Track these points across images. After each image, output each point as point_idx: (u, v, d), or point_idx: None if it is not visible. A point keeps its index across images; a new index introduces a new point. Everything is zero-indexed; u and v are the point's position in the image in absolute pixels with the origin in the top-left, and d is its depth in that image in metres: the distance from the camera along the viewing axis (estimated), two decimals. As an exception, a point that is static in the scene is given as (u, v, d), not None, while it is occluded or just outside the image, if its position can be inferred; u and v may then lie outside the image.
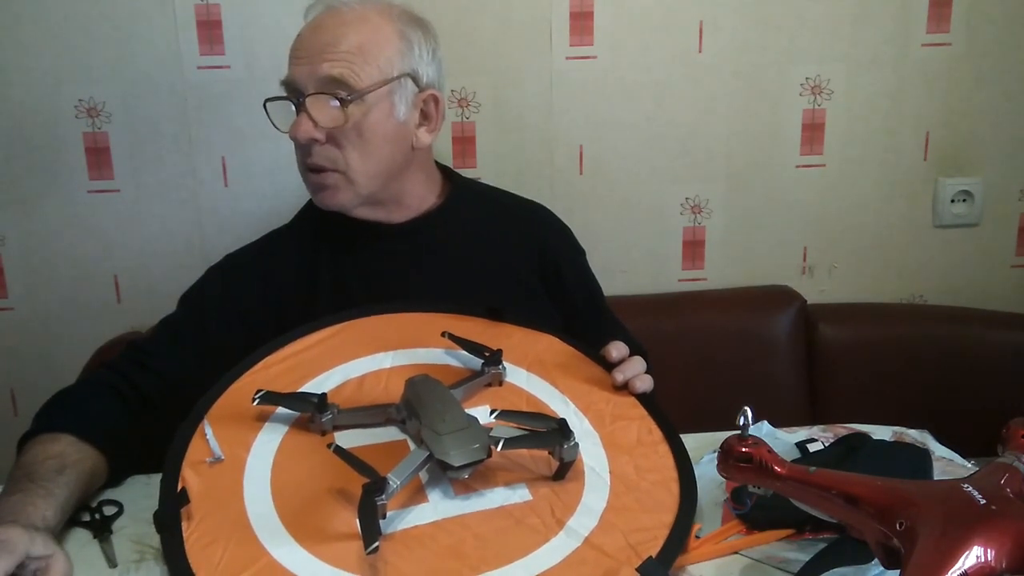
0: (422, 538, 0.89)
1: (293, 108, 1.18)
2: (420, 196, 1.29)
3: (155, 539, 0.92)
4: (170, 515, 0.91)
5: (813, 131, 1.79)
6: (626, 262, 1.83)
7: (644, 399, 1.10)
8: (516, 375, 1.11)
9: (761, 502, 0.90)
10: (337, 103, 1.15)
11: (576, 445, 0.96)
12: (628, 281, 1.81)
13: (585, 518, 0.93)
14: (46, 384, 1.21)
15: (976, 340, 1.74)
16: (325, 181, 1.19)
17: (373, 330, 1.15)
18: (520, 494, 0.95)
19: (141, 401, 1.15)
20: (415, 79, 1.22)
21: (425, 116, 1.24)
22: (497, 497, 0.95)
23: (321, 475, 0.96)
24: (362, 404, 1.05)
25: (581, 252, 1.41)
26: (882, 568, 0.82)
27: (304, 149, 1.19)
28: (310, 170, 1.20)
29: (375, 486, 0.87)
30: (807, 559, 0.87)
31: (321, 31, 1.17)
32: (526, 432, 0.97)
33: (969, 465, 1.10)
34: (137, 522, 0.99)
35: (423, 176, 1.29)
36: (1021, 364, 1.67)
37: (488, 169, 1.75)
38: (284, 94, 1.19)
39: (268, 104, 1.21)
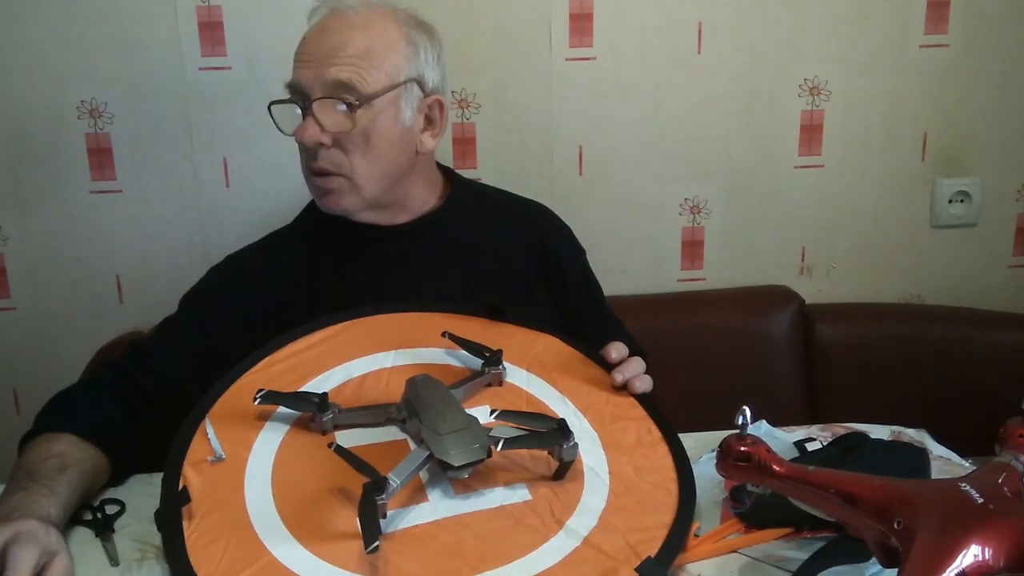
0: (422, 537, 0.90)
1: (298, 111, 1.17)
2: (422, 199, 1.29)
3: (157, 538, 0.93)
4: (171, 514, 0.91)
5: (811, 132, 1.79)
6: (625, 262, 1.83)
7: (643, 399, 1.10)
8: (516, 375, 1.12)
9: (760, 501, 0.91)
10: (344, 108, 1.15)
11: (575, 445, 0.96)
12: (627, 281, 1.82)
13: (584, 518, 0.93)
14: (48, 384, 1.21)
15: (974, 340, 1.75)
16: (329, 185, 1.19)
17: (374, 330, 1.16)
18: (520, 494, 0.96)
19: (143, 401, 1.15)
20: (420, 84, 1.22)
21: (429, 121, 1.24)
22: (497, 497, 0.95)
23: (322, 474, 0.96)
24: (363, 404, 1.05)
25: (582, 252, 1.42)
26: (880, 567, 0.83)
27: (309, 153, 1.18)
28: (315, 174, 1.20)
29: (375, 485, 0.87)
30: (805, 558, 0.88)
31: (327, 34, 1.17)
32: (526, 432, 0.98)
33: (967, 464, 1.10)
34: (139, 521, 0.99)
35: (425, 179, 1.29)
36: (1019, 363, 1.68)
37: (488, 170, 1.76)
38: (288, 96, 1.19)
39: (272, 107, 1.21)
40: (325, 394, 1.02)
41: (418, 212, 1.29)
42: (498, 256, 1.32)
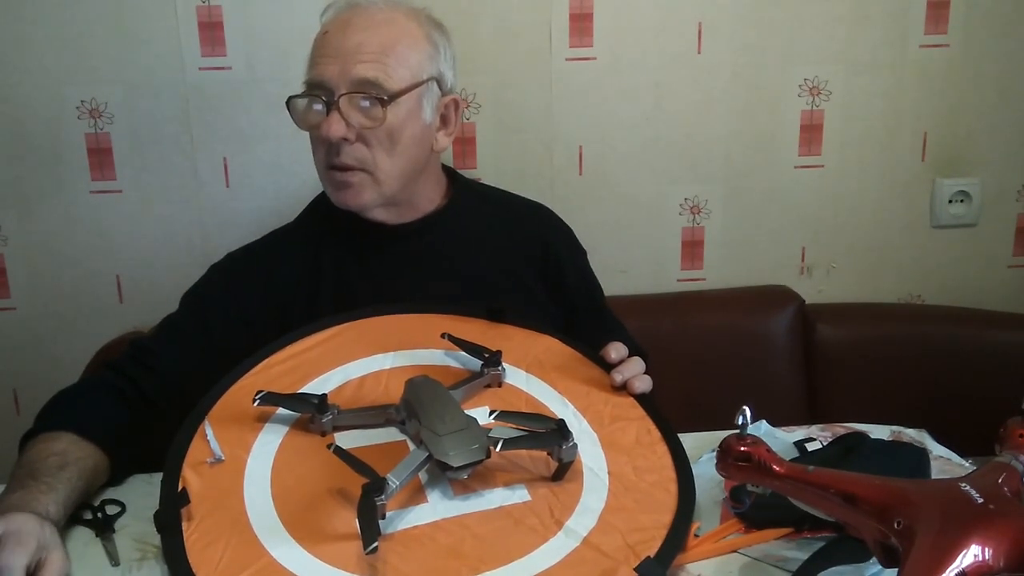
0: (421, 538, 0.90)
1: (319, 107, 1.17)
2: (429, 198, 1.30)
3: (157, 538, 0.93)
4: (170, 515, 0.91)
5: (811, 132, 1.79)
6: (625, 262, 1.83)
7: (643, 400, 1.10)
8: (515, 376, 1.12)
9: (760, 501, 0.91)
10: (368, 104, 1.16)
11: (575, 446, 0.96)
12: (627, 281, 1.81)
13: (584, 518, 0.93)
14: (48, 383, 1.21)
15: (974, 340, 1.74)
16: (350, 179, 1.19)
17: (373, 331, 1.16)
18: (519, 494, 0.96)
19: (143, 400, 1.15)
20: (440, 83, 1.23)
21: (444, 120, 1.25)
22: (496, 497, 0.95)
23: (321, 476, 0.96)
24: (362, 405, 1.05)
25: (582, 252, 1.42)
26: (880, 567, 0.83)
27: (331, 148, 1.18)
28: (335, 168, 1.20)
29: (374, 486, 0.87)
30: (805, 557, 0.88)
31: (351, 30, 1.17)
32: (525, 433, 0.98)
33: (967, 464, 1.10)
34: (139, 521, 0.99)
35: (433, 178, 1.30)
36: (1018, 363, 1.67)
37: (488, 169, 1.76)
38: (309, 92, 1.19)
39: (290, 101, 1.20)
40: (324, 395, 1.02)
41: (425, 211, 1.29)
42: (499, 256, 1.32)
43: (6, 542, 0.86)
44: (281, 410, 1.04)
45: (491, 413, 1.01)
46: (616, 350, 1.13)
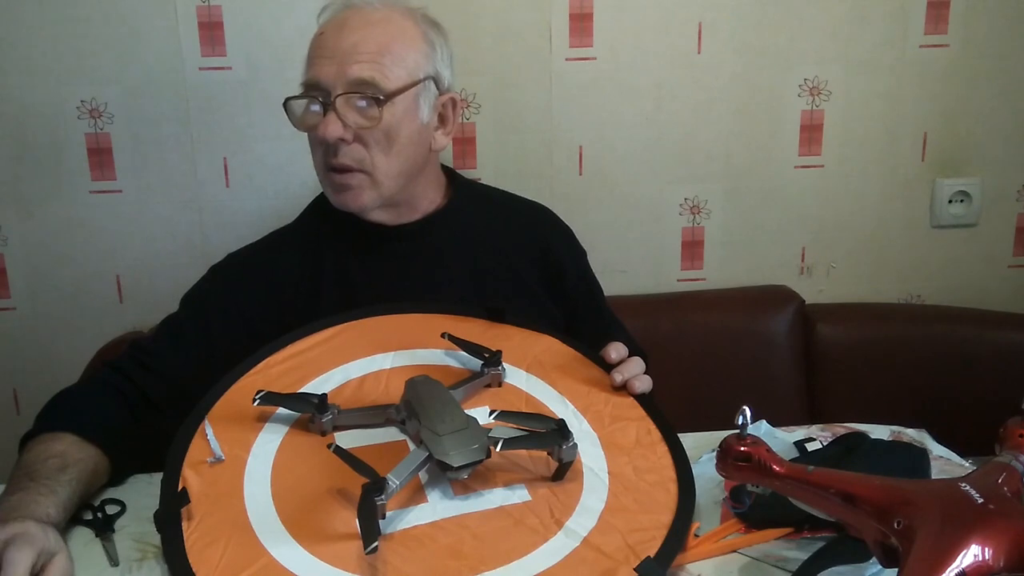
0: (421, 538, 0.90)
1: (316, 108, 1.17)
2: (430, 198, 1.30)
3: (157, 538, 0.92)
4: (170, 515, 0.91)
5: (811, 132, 1.79)
6: (625, 262, 1.83)
7: (643, 400, 1.10)
8: (515, 376, 1.12)
9: (760, 501, 0.91)
10: (365, 104, 1.16)
11: (575, 446, 0.96)
12: (627, 281, 1.82)
13: (584, 518, 0.93)
14: (48, 384, 1.22)
15: (974, 340, 1.74)
16: (350, 182, 1.19)
17: (374, 331, 1.16)
18: (519, 494, 0.96)
19: (143, 401, 1.15)
20: (437, 82, 1.23)
21: (442, 119, 1.25)
22: (496, 497, 0.95)
23: (321, 475, 0.96)
24: (362, 405, 1.05)
25: (582, 253, 1.42)
26: (880, 567, 0.83)
27: (329, 149, 1.18)
28: (334, 170, 1.20)
29: (375, 486, 0.87)
30: (805, 557, 0.87)
31: (347, 31, 1.17)
32: (525, 433, 0.98)
33: (967, 464, 1.10)
34: (139, 521, 0.99)
35: (433, 178, 1.30)
36: (1018, 363, 1.68)
37: (488, 170, 1.76)
38: (306, 93, 1.19)
39: (287, 103, 1.20)
40: (324, 395, 1.02)
41: (425, 211, 1.29)
42: (500, 256, 1.32)
43: (14, 540, 0.86)
44: (281, 410, 1.03)
45: (491, 413, 1.01)
46: (616, 350, 1.13)
